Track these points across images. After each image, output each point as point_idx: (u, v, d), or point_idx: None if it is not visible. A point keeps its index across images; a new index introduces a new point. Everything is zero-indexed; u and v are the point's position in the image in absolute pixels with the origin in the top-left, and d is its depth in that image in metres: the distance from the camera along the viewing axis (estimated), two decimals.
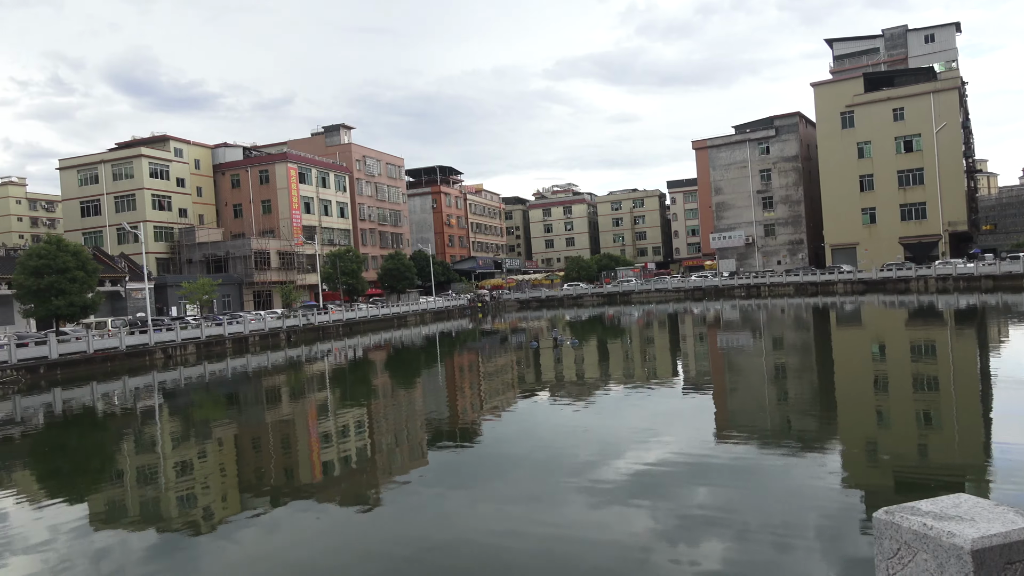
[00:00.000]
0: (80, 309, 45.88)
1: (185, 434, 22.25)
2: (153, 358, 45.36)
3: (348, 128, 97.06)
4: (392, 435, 19.39)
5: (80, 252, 46.95)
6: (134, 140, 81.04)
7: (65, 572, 10.36)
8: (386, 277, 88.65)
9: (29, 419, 26.94)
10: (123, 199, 74.99)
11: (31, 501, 15.09)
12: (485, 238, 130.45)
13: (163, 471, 17.08)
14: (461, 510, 12.18)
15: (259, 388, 32.59)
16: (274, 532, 11.85)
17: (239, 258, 74.73)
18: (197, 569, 10.42)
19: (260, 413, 25.46)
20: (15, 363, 37.81)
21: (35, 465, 19.42)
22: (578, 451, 15.49)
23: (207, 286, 61.01)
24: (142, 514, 13.42)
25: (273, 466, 16.90)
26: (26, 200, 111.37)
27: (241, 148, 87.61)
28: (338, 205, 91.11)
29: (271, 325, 57.27)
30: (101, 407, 29.27)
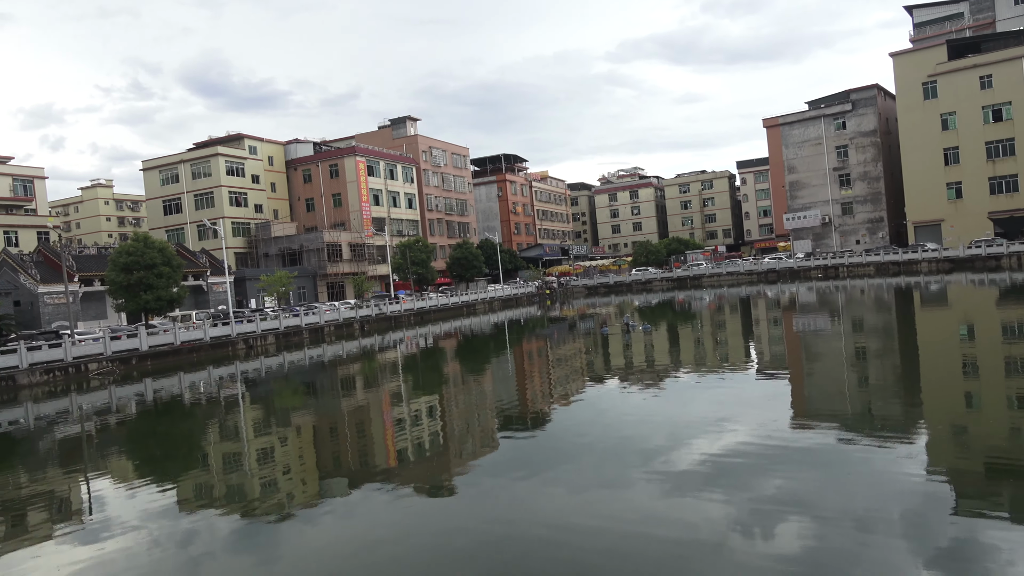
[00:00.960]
0: (167, 303, 48.05)
1: (266, 421, 23.09)
2: (235, 349, 47.17)
3: (414, 120, 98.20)
4: (463, 422, 19.65)
5: (165, 249, 49.13)
6: (211, 140, 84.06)
7: (156, 552, 10.93)
8: (454, 266, 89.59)
9: (123, 408, 28.45)
10: (202, 197, 78.00)
11: (126, 485, 15.96)
12: (551, 225, 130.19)
13: (246, 457, 17.78)
14: (532, 496, 12.26)
15: (335, 376, 33.49)
16: (351, 516, 12.20)
17: (312, 251, 76.76)
18: (279, 551, 10.84)
19: (336, 401, 26.19)
20: (110, 355, 39.97)
21: (129, 451, 20.50)
22: (649, 438, 15.36)
23: (284, 279, 62.93)
24: (227, 498, 14.01)
25: (349, 452, 17.38)
26: (113, 201, 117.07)
27: (311, 143, 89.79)
28: (406, 196, 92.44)
29: (345, 315, 58.70)
30: (188, 396, 30.65)
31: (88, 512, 13.87)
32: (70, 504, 14.68)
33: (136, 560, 10.67)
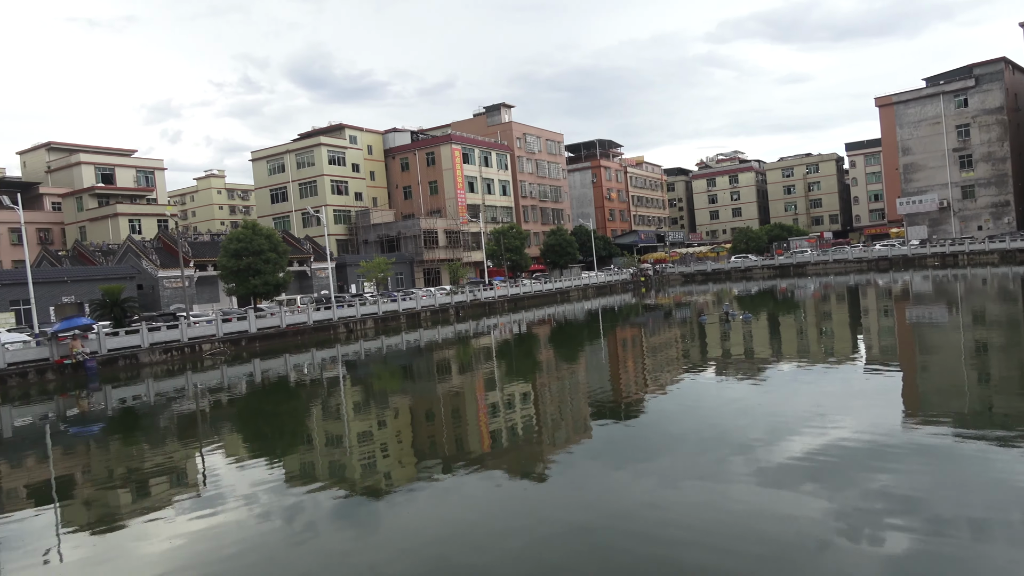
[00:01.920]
0: (273, 287, 50.36)
1: (365, 403, 23.86)
2: (337, 332, 48.95)
3: (508, 107, 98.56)
4: (557, 408, 19.67)
5: (272, 235, 51.43)
6: (314, 130, 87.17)
7: (264, 524, 11.50)
8: (548, 253, 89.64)
9: (234, 387, 30.07)
10: (306, 185, 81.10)
11: (237, 459, 16.87)
12: (647, 211, 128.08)
13: (347, 437, 18.44)
14: (624, 485, 12.15)
15: (431, 361, 34.22)
16: (446, 497, 12.44)
17: (409, 237, 78.53)
18: (377, 528, 11.18)
19: (432, 385, 26.76)
20: (221, 336, 42.32)
21: (240, 428, 21.66)
22: (747, 430, 14.90)
23: (382, 265, 64.73)
24: (329, 475, 14.57)
25: (444, 435, 17.72)
26: (225, 190, 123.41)
27: (409, 132, 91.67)
28: (500, 183, 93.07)
29: (440, 301, 59.84)
30: (293, 377, 32.05)
31: (203, 484, 14.74)
32: (186, 476, 15.64)
33: (246, 531, 11.26)
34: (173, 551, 10.68)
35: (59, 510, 13.84)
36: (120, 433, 22.03)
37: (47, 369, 33.96)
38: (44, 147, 79.48)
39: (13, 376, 32.80)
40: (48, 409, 27.54)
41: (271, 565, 9.91)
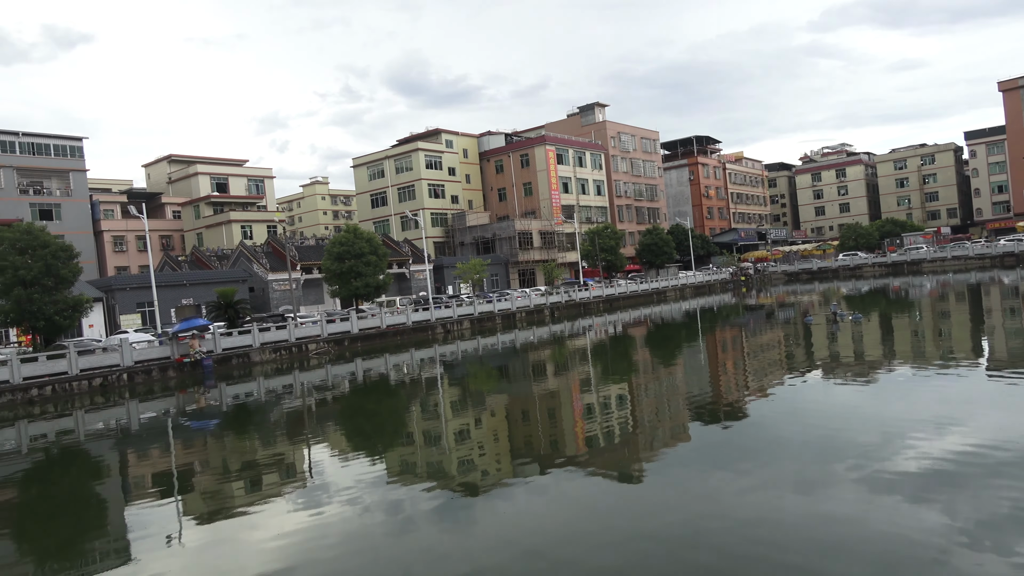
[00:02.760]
0: (374, 289, 51.95)
1: (463, 402, 24.25)
2: (434, 333, 50.00)
3: (602, 106, 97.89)
4: (653, 410, 19.37)
5: (372, 239, 53.08)
6: (411, 136, 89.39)
7: (367, 517, 11.88)
8: (644, 252, 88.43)
9: (337, 385, 31.22)
10: (404, 189, 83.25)
11: (341, 455, 17.50)
12: (747, 208, 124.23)
13: (445, 435, 18.79)
14: (725, 490, 11.82)
15: (526, 361, 34.41)
16: (541, 495, 12.48)
17: (504, 239, 79.26)
18: (475, 524, 11.34)
19: (528, 385, 26.90)
20: (326, 336, 44.03)
21: (343, 424, 22.46)
22: (857, 436, 14.20)
23: (478, 266, 65.63)
24: (428, 472, 14.89)
25: (540, 435, 17.77)
26: (329, 196, 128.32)
27: (503, 135, 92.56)
28: (595, 183, 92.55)
29: (535, 302, 60.08)
30: (393, 376, 32.96)
31: (309, 477, 15.38)
32: (294, 469, 16.36)
33: (349, 524, 11.66)
34: (282, 541, 11.19)
35: (180, 498, 14.76)
36: (234, 428, 23.28)
37: (168, 367, 36.30)
38: (166, 160, 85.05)
39: (139, 373, 35.26)
40: (169, 404, 29.44)
41: (373, 557, 10.22)
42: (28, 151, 62.64)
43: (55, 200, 63.37)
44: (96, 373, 33.78)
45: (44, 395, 31.62)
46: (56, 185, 64.21)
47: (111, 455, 20.77)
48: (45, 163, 63.51)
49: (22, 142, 62.48)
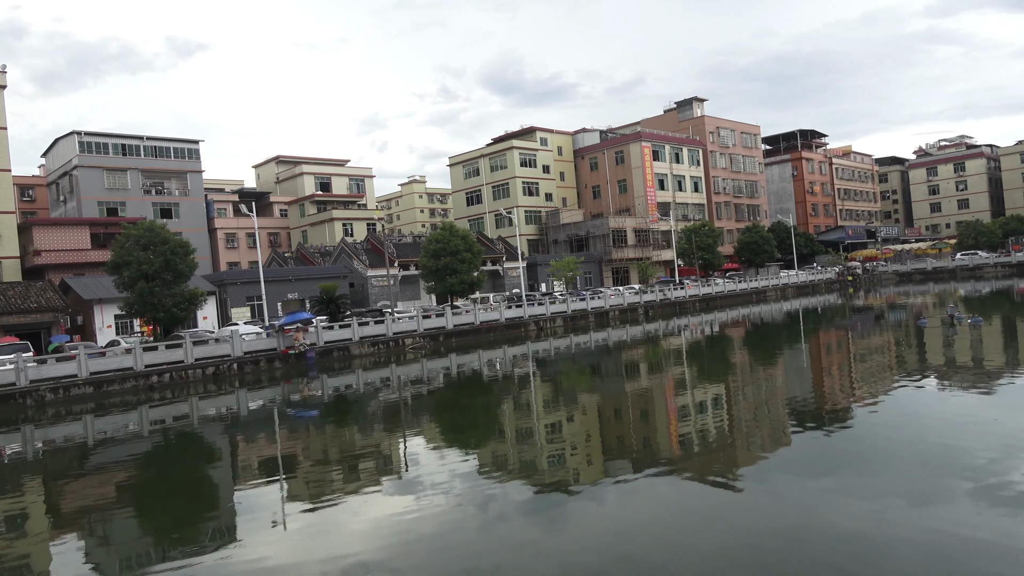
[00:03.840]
0: (468, 286, 52.72)
1: (555, 400, 24.25)
2: (527, 329, 50.24)
3: (700, 101, 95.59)
4: (752, 413, 18.77)
5: (467, 236, 53.87)
6: (506, 134, 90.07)
7: (459, 510, 12.05)
8: (743, 251, 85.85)
9: (432, 379, 31.86)
10: (499, 188, 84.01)
11: (435, 447, 17.85)
12: (855, 205, 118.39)
13: (537, 432, 18.84)
14: (827, 501, 11.31)
15: (619, 360, 34.06)
16: (634, 496, 12.31)
17: (598, 237, 78.69)
18: (566, 521, 11.31)
19: (621, 384, 26.62)
20: (422, 332, 45.02)
21: (438, 418, 22.90)
22: (975, 446, 13.28)
23: (571, 264, 65.47)
24: (520, 468, 14.97)
25: (633, 436, 17.55)
26: (426, 195, 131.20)
27: (598, 132, 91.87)
28: (692, 180, 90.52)
29: (629, 300, 59.40)
30: (486, 372, 33.34)
31: (405, 468, 15.76)
32: (390, 460, 16.80)
33: (442, 516, 11.87)
34: (378, 529, 11.52)
35: (284, 483, 15.44)
36: (334, 418, 24.15)
37: (275, 358, 38.04)
38: (274, 160, 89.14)
39: (248, 363, 37.11)
40: (275, 393, 30.85)
41: (465, 550, 10.36)
42: (151, 154, 67.05)
43: (174, 200, 67.56)
44: (209, 362, 35.81)
45: (163, 382, 33.78)
46: (175, 185, 68.43)
47: (222, 440, 21.97)
48: (166, 165, 67.79)
49: (146, 145, 66.94)
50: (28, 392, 30.41)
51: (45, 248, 52.59)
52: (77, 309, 47.00)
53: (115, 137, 65.27)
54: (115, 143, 65.05)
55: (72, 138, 63.25)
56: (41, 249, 52.34)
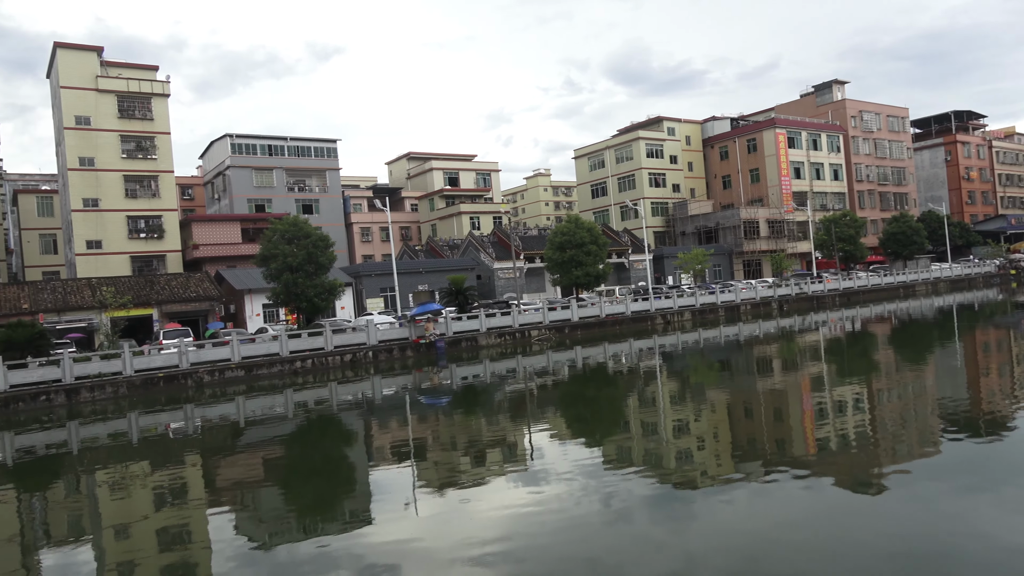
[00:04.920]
0: (594, 278, 52.55)
1: (682, 395, 23.77)
2: (653, 323, 49.47)
3: (840, 83, 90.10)
4: (896, 416, 17.60)
5: (593, 229, 53.66)
6: (632, 125, 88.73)
7: (583, 503, 12.08)
8: (888, 242, 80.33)
9: (558, 371, 32.05)
10: (624, 179, 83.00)
11: (560, 439, 17.98)
12: (1019, 192, 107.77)
13: (663, 427, 18.56)
14: (983, 512, 10.44)
15: (750, 356, 32.88)
16: (764, 498, 11.89)
17: (728, 228, 76.12)
18: (692, 520, 11.09)
19: (752, 381, 25.71)
20: (547, 324, 45.36)
21: (563, 409, 23.02)
22: None
23: (700, 256, 63.77)
24: (645, 463, 14.82)
25: (765, 434, 16.92)
26: (550, 188, 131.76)
27: (728, 120, 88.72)
28: (831, 167, 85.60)
29: (762, 294, 57.15)
30: (612, 365, 33.14)
31: (530, 458, 15.99)
32: (516, 450, 17.09)
33: (565, 508, 11.96)
34: (503, 517, 11.77)
35: (415, 468, 16.08)
36: (463, 406, 24.84)
37: (407, 347, 39.56)
38: (405, 157, 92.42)
39: (382, 351, 38.82)
40: (407, 381, 32.11)
41: (587, 544, 10.40)
42: (294, 153, 71.33)
43: (314, 196, 71.54)
44: (347, 350, 37.77)
45: (305, 367, 35.98)
46: (315, 183, 72.43)
47: (358, 424, 23.14)
48: (307, 164, 71.89)
49: (289, 146, 71.28)
50: (189, 374, 33.30)
51: (202, 242, 57.21)
52: (230, 298, 50.88)
53: (262, 139, 69.93)
54: (262, 144, 69.70)
55: (225, 141, 68.34)
56: (199, 243, 56.98)
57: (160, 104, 56.18)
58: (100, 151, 53.44)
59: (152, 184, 55.42)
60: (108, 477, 17.67)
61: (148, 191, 55.23)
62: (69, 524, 13.81)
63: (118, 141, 54.21)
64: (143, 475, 17.57)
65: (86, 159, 53.02)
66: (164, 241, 55.35)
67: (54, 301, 43.95)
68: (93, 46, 55.09)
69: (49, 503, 15.91)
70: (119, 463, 19.28)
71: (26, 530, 13.83)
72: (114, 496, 15.84)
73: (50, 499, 16.31)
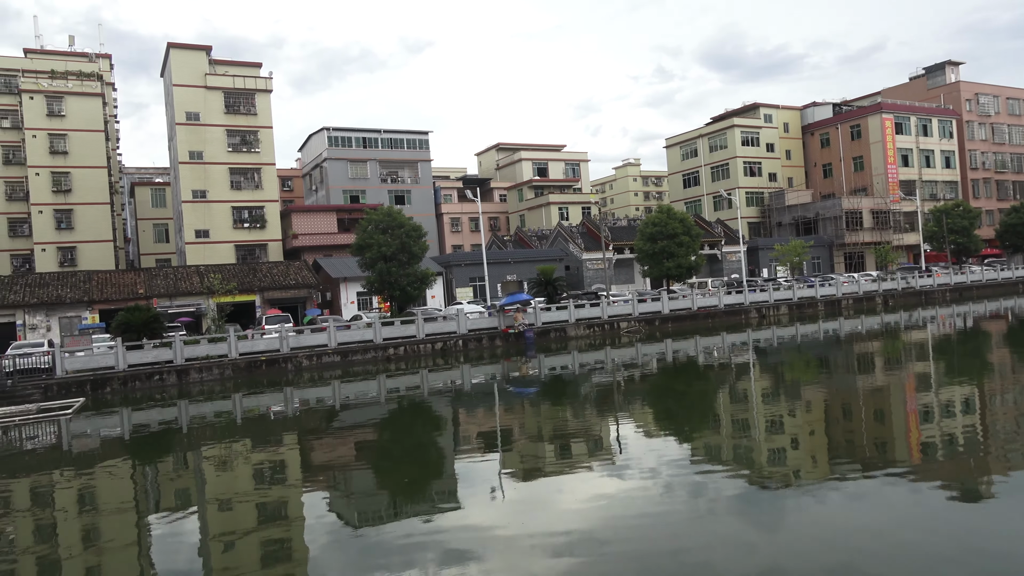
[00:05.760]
0: (686, 270, 51.50)
1: (776, 392, 23.01)
2: (747, 317, 48.06)
3: (954, 64, 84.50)
4: (1012, 420, 16.44)
5: (685, 219, 52.55)
6: (727, 112, 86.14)
7: (669, 498, 11.89)
8: (1007, 234, 74.91)
9: (646, 364, 31.62)
10: (718, 168, 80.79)
11: (647, 433, 17.76)
12: None
13: (755, 424, 18.02)
14: None
15: (851, 353, 31.48)
16: (860, 502, 11.36)
17: (829, 219, 72.96)
18: (782, 521, 10.73)
19: (851, 379, 24.60)
20: (636, 316, 44.81)
21: (651, 403, 22.72)
22: None
23: (798, 248, 61.44)
24: (735, 460, 14.43)
25: (864, 436, 16.18)
26: (640, 177, 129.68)
27: (830, 105, 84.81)
28: (942, 154, 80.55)
29: (864, 288, 54.56)
30: (703, 359, 32.43)
31: (616, 451, 15.86)
32: (602, 441, 16.99)
33: (651, 502, 11.80)
34: (587, 509, 11.73)
35: (502, 456, 16.23)
36: (550, 396, 24.89)
37: (496, 336, 39.95)
38: (494, 148, 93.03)
39: (472, 340, 39.35)
40: (495, 370, 32.43)
41: (673, 540, 10.23)
42: (387, 146, 73.05)
43: (406, 187, 73.09)
44: (437, 338, 38.50)
45: (398, 354, 36.91)
46: (407, 174, 73.95)
47: (447, 410, 23.57)
48: (400, 155, 73.49)
49: (383, 138, 73.05)
50: (289, 358, 34.77)
51: (301, 232, 59.49)
52: (326, 286, 52.75)
53: (357, 131, 71.92)
54: (357, 137, 71.70)
55: (322, 134, 70.70)
56: (298, 233, 59.29)
57: (263, 99, 58.66)
58: (208, 145, 56.34)
59: (255, 176, 58.01)
60: (213, 453, 18.69)
61: (251, 183, 57.85)
62: (177, 496, 14.70)
63: (224, 135, 56.99)
64: (245, 453, 18.50)
65: (195, 153, 56.01)
66: (266, 230, 57.87)
67: (166, 287, 46.76)
68: (202, 45, 58.02)
69: (160, 475, 16.99)
70: (224, 441, 20.36)
71: (139, 499, 14.81)
72: (218, 472, 16.75)
73: (161, 472, 17.41)
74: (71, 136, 55.12)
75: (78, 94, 55.55)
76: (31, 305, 42.88)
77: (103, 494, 15.32)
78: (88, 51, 66.39)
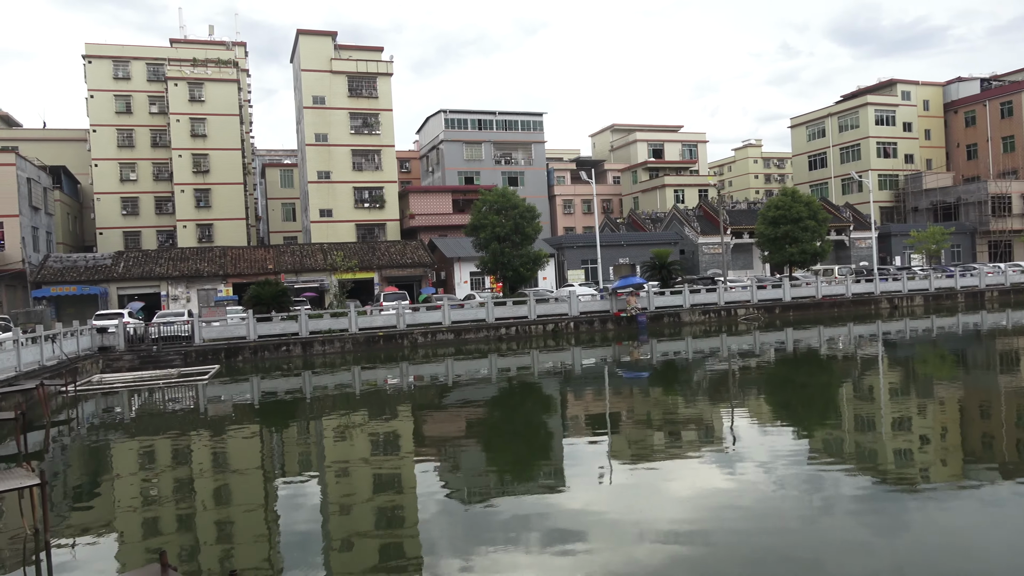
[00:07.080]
0: (810, 256, 49.12)
1: (906, 388, 21.62)
2: (878, 307, 45.40)
3: None
4: None
5: (811, 203, 50.04)
6: (859, 90, 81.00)
7: (782, 493, 11.41)
8: None
9: (764, 353, 30.48)
10: (847, 150, 76.26)
11: (763, 425, 17.12)
12: None
13: (880, 421, 17.01)
14: None
15: (993, 349, 29.11)
16: (994, 510, 10.50)
17: (972, 204, 67.46)
18: (904, 524, 10.07)
19: (993, 377, 22.74)
20: (755, 303, 43.26)
21: (767, 394, 21.90)
22: None
23: (937, 235, 57.25)
24: (857, 457, 13.68)
25: (1005, 437, 14.92)
26: (761, 159, 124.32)
27: (978, 80, 78.05)
28: None
29: (1013, 280, 50.21)
30: (826, 350, 30.91)
31: (729, 440, 15.42)
32: (715, 431, 16.55)
33: (763, 497, 11.38)
34: (695, 498, 11.47)
35: (611, 440, 16.14)
36: (662, 383, 24.49)
37: (608, 319, 39.69)
38: (608, 129, 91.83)
39: (583, 323, 39.28)
40: (606, 354, 32.23)
41: (784, 536, 9.83)
42: (502, 127, 73.60)
43: (520, 169, 73.46)
44: (548, 320, 38.69)
45: (509, 334, 37.39)
46: (520, 156, 74.30)
47: (556, 392, 23.67)
48: (513, 137, 73.88)
49: (497, 120, 73.63)
50: (405, 334, 35.97)
51: (418, 212, 61.13)
52: (441, 265, 54.03)
53: (472, 113, 72.84)
54: (472, 119, 72.63)
55: (439, 116, 72.09)
56: (415, 213, 60.96)
57: (384, 83, 60.46)
58: (332, 128, 58.75)
59: (376, 158, 60.02)
60: (334, 422, 19.64)
61: (372, 164, 59.90)
62: (300, 461, 15.56)
63: (347, 118, 59.24)
64: (363, 423, 19.32)
65: (321, 135, 58.56)
66: (384, 210, 59.86)
67: (292, 263, 49.36)
68: (328, 31, 60.39)
69: (285, 441, 18.04)
70: (343, 411, 21.35)
71: (266, 462, 15.79)
72: (337, 440, 17.59)
73: (286, 437, 18.48)
74: (209, 120, 58.95)
75: (216, 80, 59.25)
76: (173, 278, 46.46)
77: (234, 455, 16.45)
78: (225, 40, 70.69)
